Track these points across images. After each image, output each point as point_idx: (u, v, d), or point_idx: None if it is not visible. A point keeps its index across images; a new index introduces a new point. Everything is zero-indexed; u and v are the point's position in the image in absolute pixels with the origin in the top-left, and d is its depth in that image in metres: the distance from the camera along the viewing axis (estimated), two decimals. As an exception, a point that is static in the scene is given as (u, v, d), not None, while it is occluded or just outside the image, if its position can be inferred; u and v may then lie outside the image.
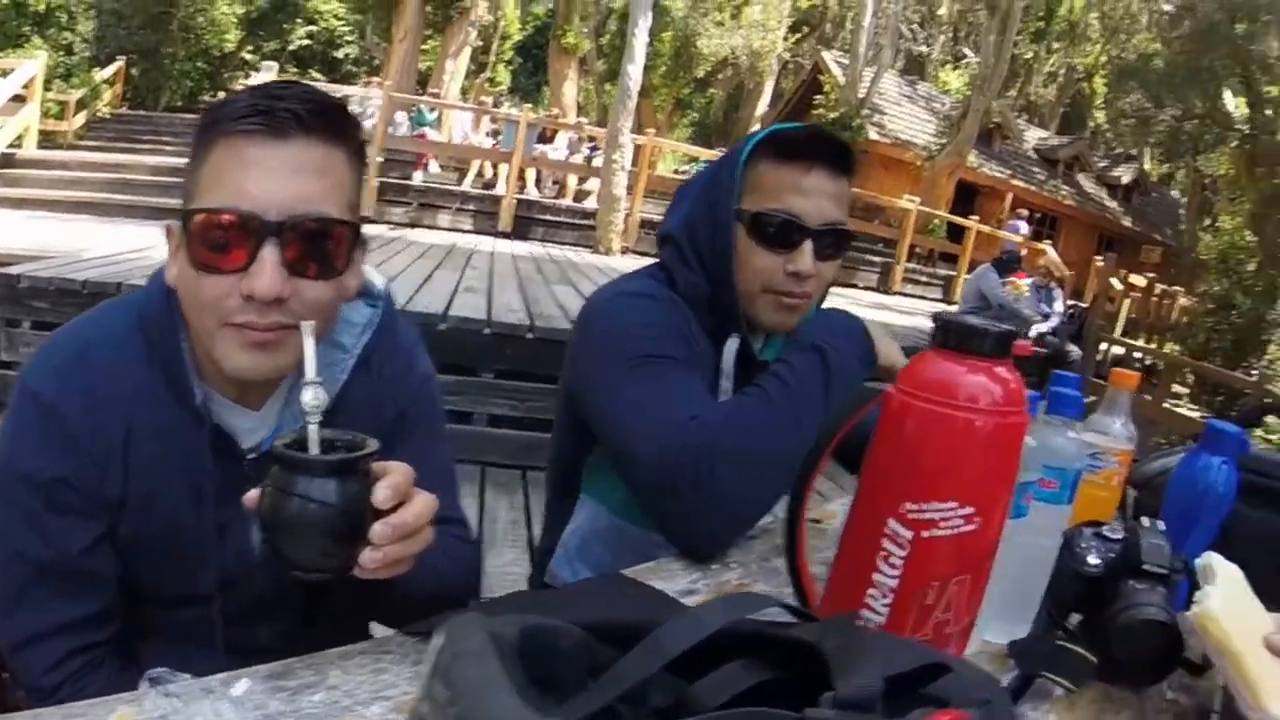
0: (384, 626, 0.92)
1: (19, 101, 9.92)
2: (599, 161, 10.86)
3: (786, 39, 23.79)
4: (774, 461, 1.05)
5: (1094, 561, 0.85)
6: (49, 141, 11.01)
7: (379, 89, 12.31)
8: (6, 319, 4.17)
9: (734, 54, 22.44)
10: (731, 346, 1.29)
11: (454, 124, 13.42)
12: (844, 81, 18.51)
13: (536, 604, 0.96)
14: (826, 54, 21.10)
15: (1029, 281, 9.38)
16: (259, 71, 9.26)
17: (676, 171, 16.29)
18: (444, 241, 8.82)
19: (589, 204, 11.20)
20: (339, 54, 28.13)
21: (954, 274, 14.06)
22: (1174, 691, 0.90)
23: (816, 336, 1.15)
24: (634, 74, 8.86)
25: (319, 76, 26.76)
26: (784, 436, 1.06)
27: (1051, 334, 9.03)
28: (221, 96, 1.51)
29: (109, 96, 13.97)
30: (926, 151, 17.81)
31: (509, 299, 5.47)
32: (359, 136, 0.92)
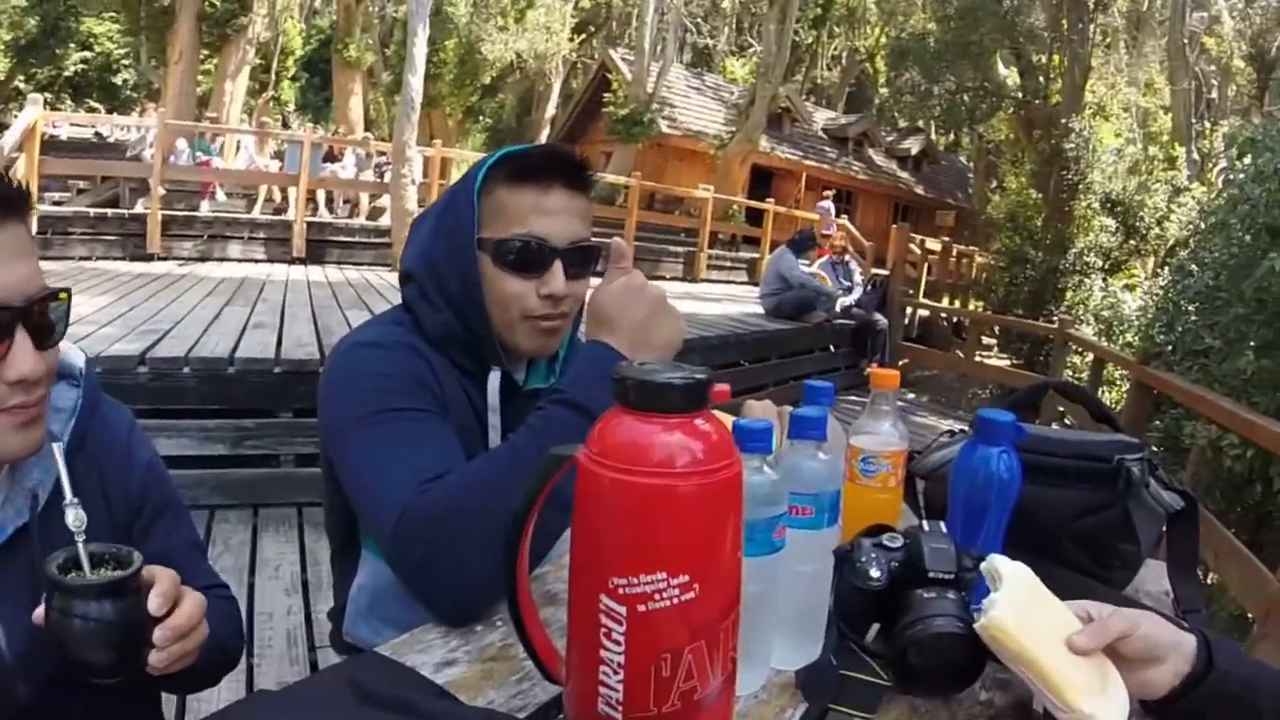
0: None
1: None
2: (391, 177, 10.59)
3: (572, 39, 24.07)
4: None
5: (875, 574, 0.82)
6: None
7: (157, 115, 11.50)
8: None
9: (520, 58, 22.48)
10: (494, 381, 1.23)
11: (239, 148, 12.76)
12: (632, 78, 18.93)
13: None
14: (613, 52, 21.56)
15: (824, 260, 9.89)
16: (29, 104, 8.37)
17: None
18: (235, 275, 8.35)
19: (384, 221, 10.90)
20: (117, 80, 26.07)
21: (757, 256, 14.65)
22: (988, 691, 0.87)
23: (570, 379, 1.10)
24: (416, 85, 8.66)
25: (97, 106, 24.65)
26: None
27: (857, 305, 9.42)
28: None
29: None
30: (719, 140, 18.40)
31: (300, 332, 5.24)
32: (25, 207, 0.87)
